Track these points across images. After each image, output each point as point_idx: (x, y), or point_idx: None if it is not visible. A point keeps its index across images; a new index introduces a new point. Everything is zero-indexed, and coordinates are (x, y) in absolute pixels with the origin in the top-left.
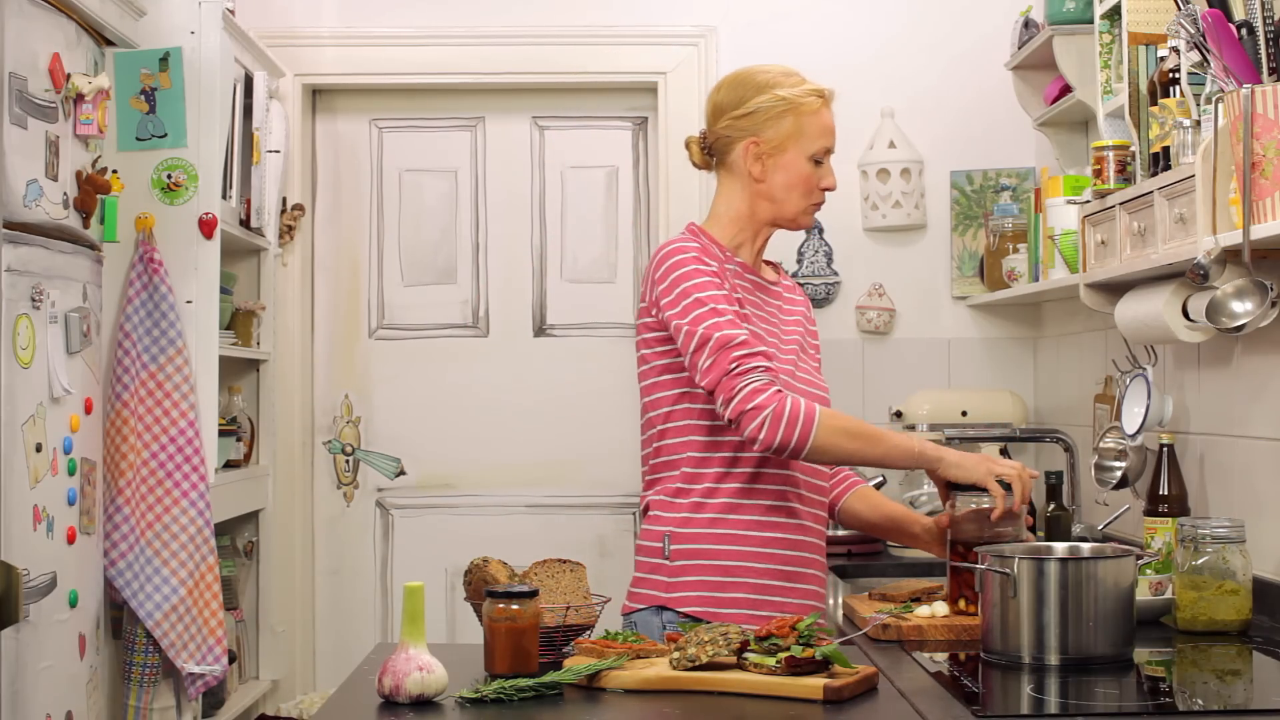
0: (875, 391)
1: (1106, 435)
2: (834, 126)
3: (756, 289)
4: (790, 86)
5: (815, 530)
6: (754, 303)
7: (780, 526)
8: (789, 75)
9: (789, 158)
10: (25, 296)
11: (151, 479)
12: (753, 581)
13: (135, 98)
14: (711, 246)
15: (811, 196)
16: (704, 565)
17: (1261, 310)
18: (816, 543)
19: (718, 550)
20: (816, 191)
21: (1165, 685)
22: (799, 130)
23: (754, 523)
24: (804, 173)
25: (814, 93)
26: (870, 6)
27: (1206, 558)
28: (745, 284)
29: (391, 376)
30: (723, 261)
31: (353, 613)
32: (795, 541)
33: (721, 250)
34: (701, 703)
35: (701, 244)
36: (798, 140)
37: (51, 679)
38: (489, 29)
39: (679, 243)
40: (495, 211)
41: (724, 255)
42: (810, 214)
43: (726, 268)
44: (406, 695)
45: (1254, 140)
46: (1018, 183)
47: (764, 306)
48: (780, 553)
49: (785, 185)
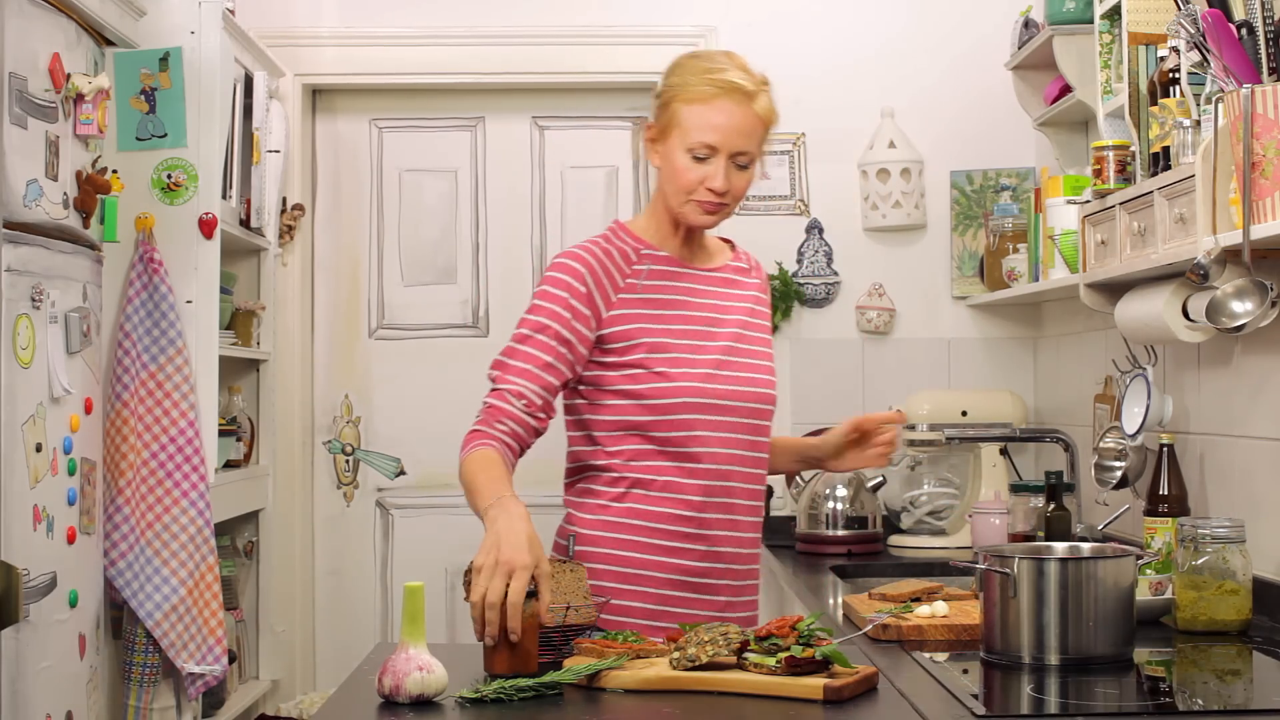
0: (875, 391)
1: (1106, 435)
2: (733, 123)
3: (681, 278)
4: (695, 72)
5: (732, 539)
6: (673, 291)
7: (682, 536)
8: (710, 61)
9: (668, 147)
10: (25, 296)
11: (151, 479)
12: (652, 591)
13: (135, 98)
14: (616, 248)
15: (693, 194)
16: (604, 570)
17: (1261, 310)
18: (734, 551)
19: (616, 556)
20: (701, 190)
21: (1165, 685)
22: (677, 120)
23: (654, 530)
24: (678, 166)
25: (713, 82)
26: (870, 6)
27: (1206, 558)
28: (662, 277)
29: (391, 376)
30: (632, 263)
31: (353, 613)
32: (701, 552)
33: (636, 248)
34: (701, 703)
35: (595, 254)
36: (675, 131)
37: (51, 679)
38: (489, 29)
39: (564, 258)
40: (495, 211)
41: (636, 255)
42: (696, 212)
43: (637, 267)
44: (406, 695)
45: (1254, 140)
46: (1018, 183)
47: (690, 294)
48: (682, 562)
49: (665, 176)
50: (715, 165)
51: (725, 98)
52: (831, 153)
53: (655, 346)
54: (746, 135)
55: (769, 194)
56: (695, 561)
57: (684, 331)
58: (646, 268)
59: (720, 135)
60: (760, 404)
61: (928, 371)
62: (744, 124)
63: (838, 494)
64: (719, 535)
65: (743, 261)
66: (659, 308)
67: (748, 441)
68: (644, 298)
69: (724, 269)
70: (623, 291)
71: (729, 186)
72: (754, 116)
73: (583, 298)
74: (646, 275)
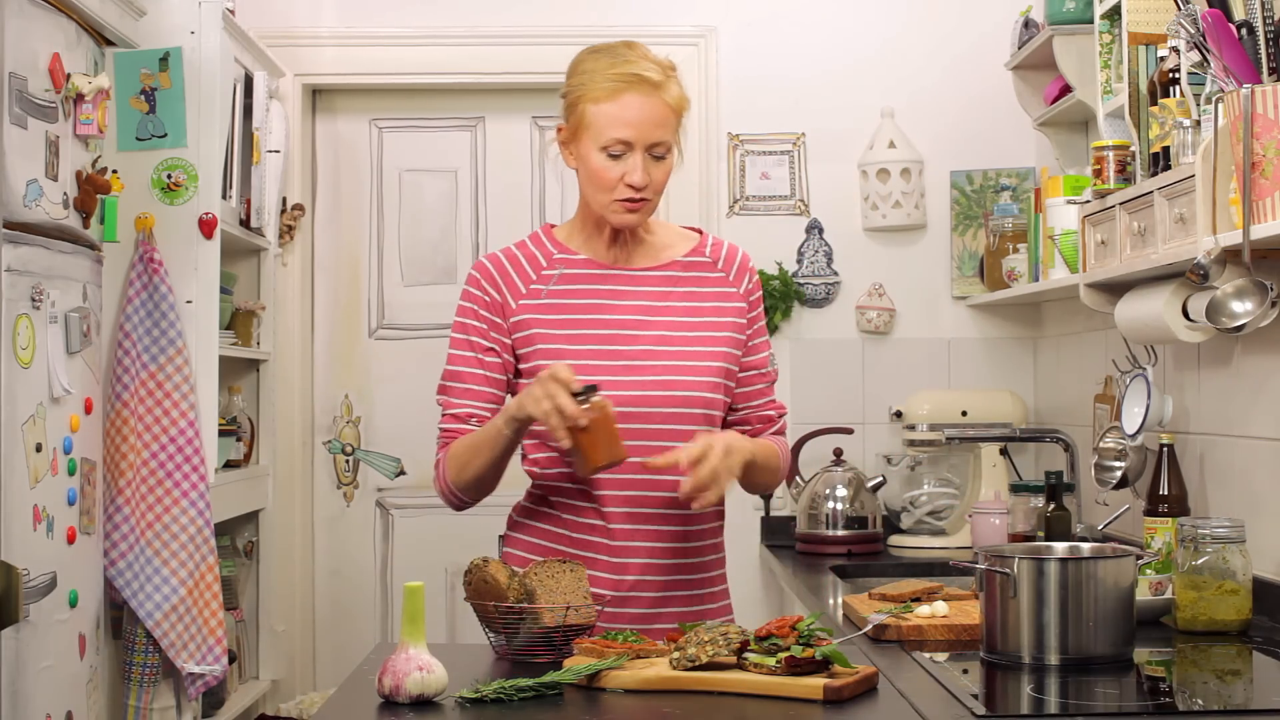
0: (875, 391)
1: (1106, 435)
2: (644, 116)
3: (599, 280)
4: (598, 69)
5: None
6: (585, 295)
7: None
8: (613, 55)
9: (582, 148)
10: (25, 296)
11: (151, 479)
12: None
13: (135, 98)
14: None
15: (614, 192)
16: None
17: (1261, 310)
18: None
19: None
20: (621, 187)
21: (1165, 685)
22: (585, 120)
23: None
24: (595, 165)
25: (619, 77)
26: (870, 6)
27: (1206, 558)
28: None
29: (391, 376)
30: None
31: (353, 613)
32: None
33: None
34: (701, 703)
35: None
36: (586, 132)
37: (51, 679)
38: (489, 29)
39: (472, 269)
40: (495, 211)
41: (548, 261)
42: (619, 212)
43: (546, 272)
44: (406, 695)
45: (1254, 140)
46: (1018, 183)
47: (610, 296)
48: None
49: (584, 178)
50: (632, 160)
51: (632, 91)
52: (831, 153)
53: (551, 354)
54: (659, 125)
55: (769, 194)
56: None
57: (590, 336)
58: (558, 272)
59: (633, 130)
60: (681, 408)
61: (928, 371)
62: (655, 114)
63: (838, 494)
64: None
65: (705, 255)
66: (562, 312)
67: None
68: (546, 303)
69: (668, 266)
70: (525, 297)
71: (648, 180)
72: (664, 106)
73: (488, 305)
74: (556, 280)
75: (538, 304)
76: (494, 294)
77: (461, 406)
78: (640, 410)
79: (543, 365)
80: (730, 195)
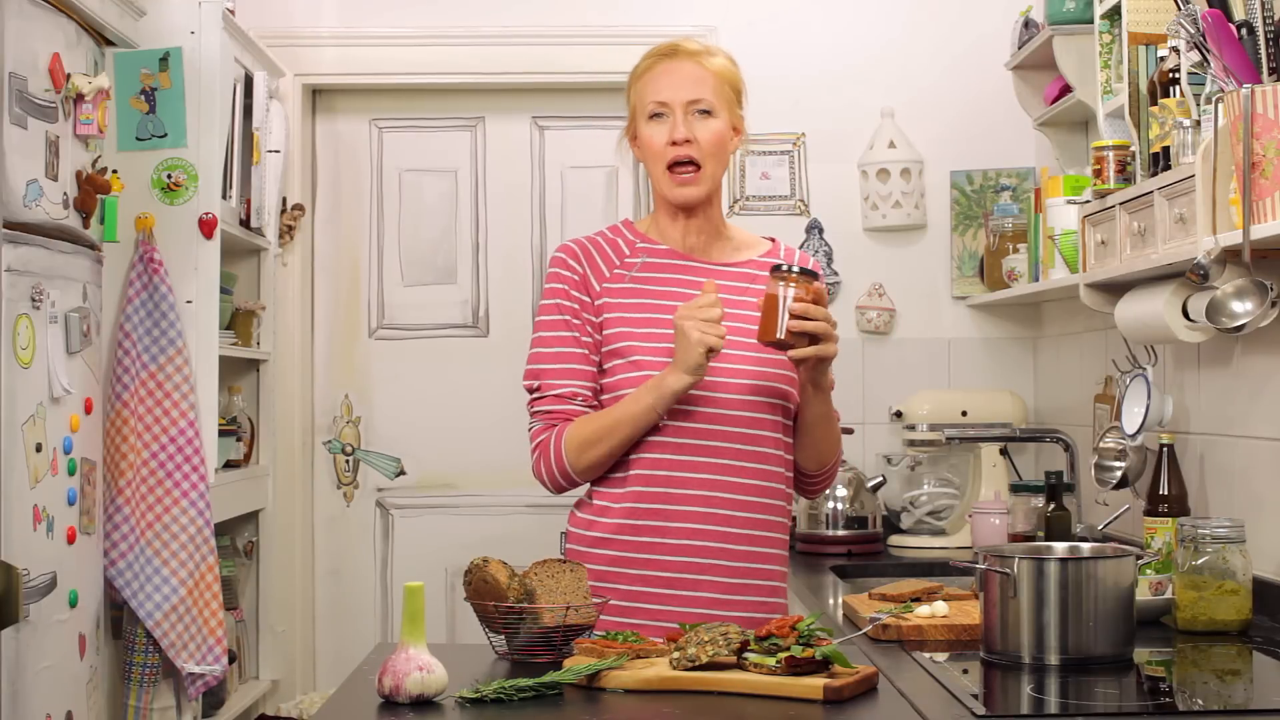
0: (875, 391)
1: (1106, 435)
2: (678, 78)
3: (680, 270)
4: (641, 59)
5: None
6: (666, 283)
7: (654, 530)
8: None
9: (637, 129)
10: (25, 296)
11: (151, 479)
12: (625, 588)
13: (135, 98)
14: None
15: (664, 158)
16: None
17: (1261, 310)
18: (707, 563)
19: (592, 555)
20: (668, 150)
21: (1165, 685)
22: (633, 101)
23: (627, 527)
24: (644, 136)
25: (654, 52)
26: (870, 6)
27: (1206, 558)
28: (656, 269)
29: (391, 376)
30: (624, 256)
31: (353, 613)
32: (668, 561)
33: (633, 241)
34: (701, 703)
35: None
36: (636, 111)
37: (51, 679)
38: (489, 29)
39: (557, 251)
40: (495, 211)
41: (631, 249)
42: (671, 184)
43: (629, 260)
44: (406, 695)
45: (1254, 140)
46: (1018, 183)
47: (691, 286)
48: (651, 560)
49: (643, 158)
50: (673, 119)
51: (666, 60)
52: (831, 153)
53: (632, 336)
54: (696, 83)
55: (769, 194)
56: (658, 569)
57: (671, 322)
58: (640, 260)
59: (668, 91)
60: (758, 396)
61: (928, 371)
62: (691, 75)
63: (838, 494)
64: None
65: (779, 259)
66: (645, 297)
67: (734, 434)
68: (629, 287)
69: (746, 264)
70: (608, 281)
71: (691, 134)
72: (702, 69)
73: (578, 284)
74: (639, 268)
75: (621, 288)
76: (583, 273)
77: (565, 385)
78: (718, 396)
79: (622, 349)
80: (730, 195)
